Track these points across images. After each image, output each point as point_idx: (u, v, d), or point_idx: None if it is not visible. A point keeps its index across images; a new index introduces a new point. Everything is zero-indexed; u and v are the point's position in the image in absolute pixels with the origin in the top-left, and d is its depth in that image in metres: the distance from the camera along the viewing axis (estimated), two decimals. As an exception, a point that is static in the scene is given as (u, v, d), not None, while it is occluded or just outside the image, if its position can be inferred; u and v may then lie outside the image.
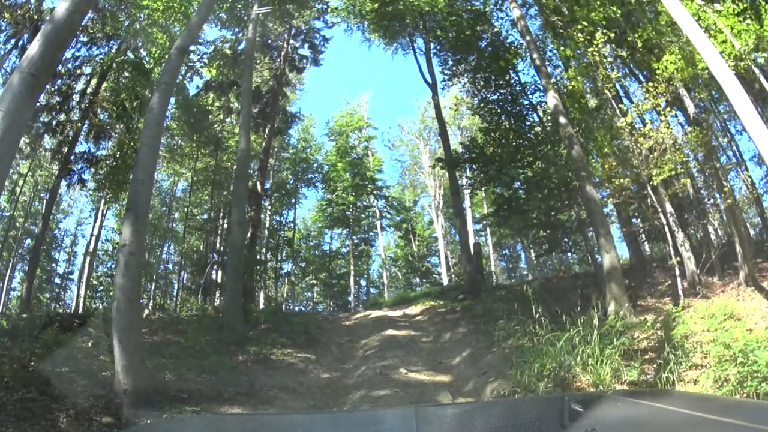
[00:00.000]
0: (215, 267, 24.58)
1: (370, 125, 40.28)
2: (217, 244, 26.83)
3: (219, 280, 23.40)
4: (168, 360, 8.95)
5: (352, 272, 38.45)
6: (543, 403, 3.21)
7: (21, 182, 24.28)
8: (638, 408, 2.21)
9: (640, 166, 11.47)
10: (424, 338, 12.95)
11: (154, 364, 8.50)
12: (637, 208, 13.79)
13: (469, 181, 21.42)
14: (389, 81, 66.25)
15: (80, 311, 20.88)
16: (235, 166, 20.01)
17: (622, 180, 11.83)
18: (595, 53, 12.75)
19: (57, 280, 31.97)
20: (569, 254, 27.72)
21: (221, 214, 27.29)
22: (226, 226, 25.00)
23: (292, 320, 15.30)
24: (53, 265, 31.87)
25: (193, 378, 8.17)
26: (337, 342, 12.94)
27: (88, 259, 25.86)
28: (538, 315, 7.97)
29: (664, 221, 12.15)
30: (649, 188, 11.81)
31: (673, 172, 12.24)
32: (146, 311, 20.07)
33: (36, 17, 17.60)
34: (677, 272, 11.50)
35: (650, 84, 11.95)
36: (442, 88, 22.57)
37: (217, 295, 22.94)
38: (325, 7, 25.65)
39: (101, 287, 28.14)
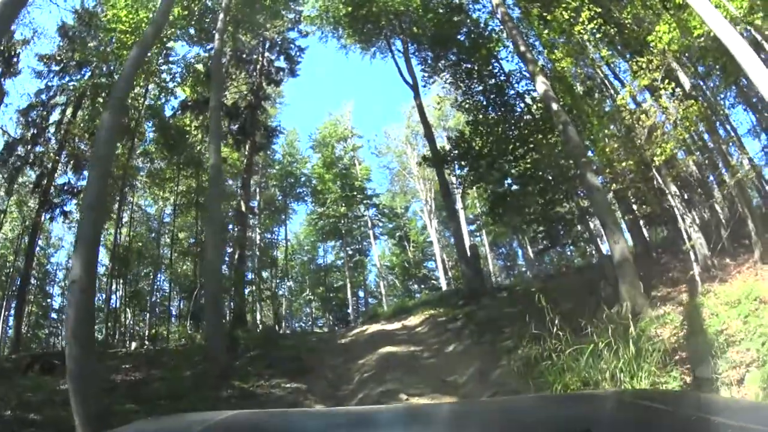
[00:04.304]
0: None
1: (355, 134, 40.19)
2: (206, 268, 26.03)
3: (209, 306, 22.55)
4: (140, 404, 8.02)
5: (349, 284, 38.05)
6: (538, 402, 3.10)
7: (3, 218, 23.49)
8: (634, 408, 2.15)
9: (644, 146, 10.67)
10: (425, 353, 12.04)
11: (125, 410, 7.60)
12: (636, 192, 13.05)
13: (459, 181, 20.62)
14: (371, 87, 66.09)
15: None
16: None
17: (624, 163, 11.03)
18: (582, 32, 12.06)
19: (54, 315, 31.20)
20: (569, 248, 27.10)
21: (207, 237, 26.50)
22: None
23: (283, 344, 14.37)
24: (48, 300, 31.25)
25: (167, 424, 7.23)
26: (330, 365, 11.98)
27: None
28: (556, 325, 6.91)
29: (674, 203, 11.33)
30: (654, 170, 11.02)
31: (675, 151, 11.57)
32: (134, 344, 19.25)
33: None
34: (693, 257, 10.66)
35: (645, 58, 11.19)
36: (424, 85, 22.11)
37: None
38: (298, 16, 25.20)
39: (100, 318, 27.25)
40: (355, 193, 37.10)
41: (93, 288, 7.11)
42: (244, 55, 25.75)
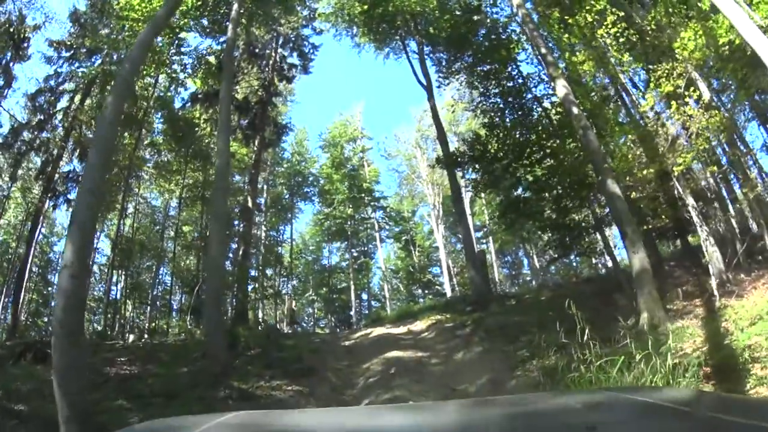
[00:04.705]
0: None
1: (364, 136, 40.01)
2: (210, 262, 25.78)
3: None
4: (132, 400, 7.64)
5: (353, 286, 37.65)
6: (544, 400, 3.05)
7: (6, 204, 23.31)
8: (640, 405, 2.07)
9: (666, 154, 10.31)
10: (433, 359, 11.58)
11: (116, 407, 7.23)
12: (651, 203, 12.71)
13: (471, 185, 20.20)
14: (382, 88, 65.77)
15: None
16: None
17: (645, 171, 10.67)
18: (604, 35, 11.75)
19: (54, 303, 30.89)
20: (576, 259, 26.83)
21: (211, 231, 26.29)
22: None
23: (284, 344, 13.92)
24: (49, 288, 30.67)
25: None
26: (334, 368, 11.51)
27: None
28: (586, 334, 6.40)
29: (693, 215, 10.99)
30: (674, 179, 10.68)
31: (694, 161, 11.29)
32: (131, 337, 18.96)
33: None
34: (711, 271, 10.33)
35: (669, 65, 10.84)
36: (438, 86, 21.87)
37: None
38: (313, 13, 24.98)
39: (99, 309, 27.04)
40: (362, 194, 36.97)
41: (85, 275, 6.74)
42: (257, 50, 25.48)
